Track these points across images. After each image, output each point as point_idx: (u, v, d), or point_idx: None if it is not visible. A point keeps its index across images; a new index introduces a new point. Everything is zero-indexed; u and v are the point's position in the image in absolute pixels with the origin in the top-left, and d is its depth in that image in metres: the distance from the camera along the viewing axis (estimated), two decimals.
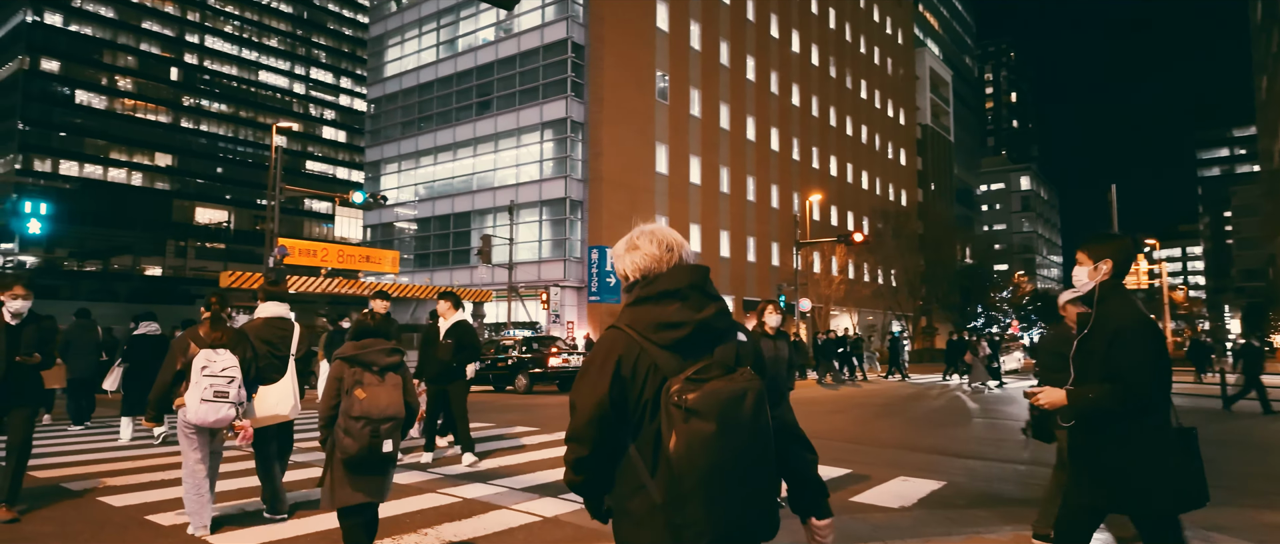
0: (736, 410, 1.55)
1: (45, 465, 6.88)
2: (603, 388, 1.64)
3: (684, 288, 1.68)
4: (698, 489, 1.53)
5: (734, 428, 1.54)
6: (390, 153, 40.20)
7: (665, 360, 1.62)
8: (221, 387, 4.34)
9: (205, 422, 4.33)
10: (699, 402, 1.53)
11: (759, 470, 1.60)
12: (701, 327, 1.66)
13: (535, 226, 33.60)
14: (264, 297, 5.13)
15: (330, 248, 23.42)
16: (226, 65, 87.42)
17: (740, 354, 1.69)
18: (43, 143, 74.43)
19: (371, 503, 3.60)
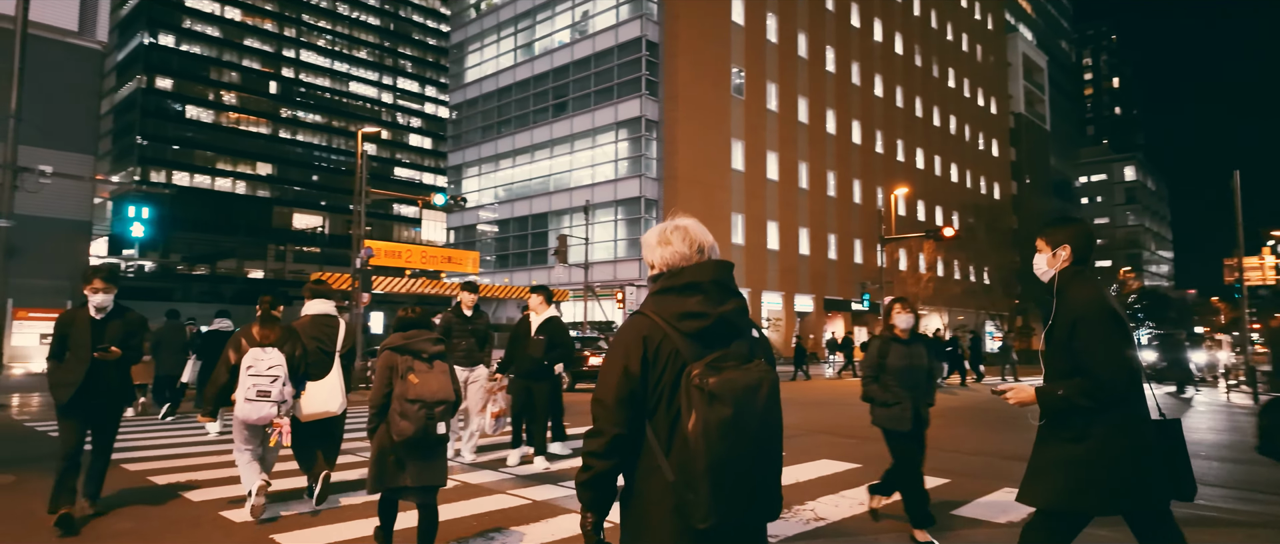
0: (752, 399, 1.64)
1: (134, 459, 7.09)
2: (635, 368, 1.72)
3: (707, 282, 1.77)
4: (709, 470, 1.60)
5: (748, 415, 1.63)
6: (471, 157, 41.12)
7: (686, 347, 1.70)
8: (264, 386, 4.56)
9: (248, 419, 4.59)
10: (719, 387, 1.61)
11: (766, 457, 1.69)
12: (722, 319, 1.75)
13: (610, 226, 33.60)
14: (310, 295, 5.25)
15: (413, 250, 24.03)
16: (320, 78, 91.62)
17: (754, 348, 1.78)
18: (158, 155, 80.00)
19: (431, 487, 3.73)
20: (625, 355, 1.73)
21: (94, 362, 4.59)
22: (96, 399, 4.67)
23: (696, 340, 1.72)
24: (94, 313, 4.71)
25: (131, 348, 4.83)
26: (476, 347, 6.98)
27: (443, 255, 24.59)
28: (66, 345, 4.64)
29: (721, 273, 1.81)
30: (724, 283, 1.80)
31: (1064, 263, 2.66)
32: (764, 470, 1.69)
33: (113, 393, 4.76)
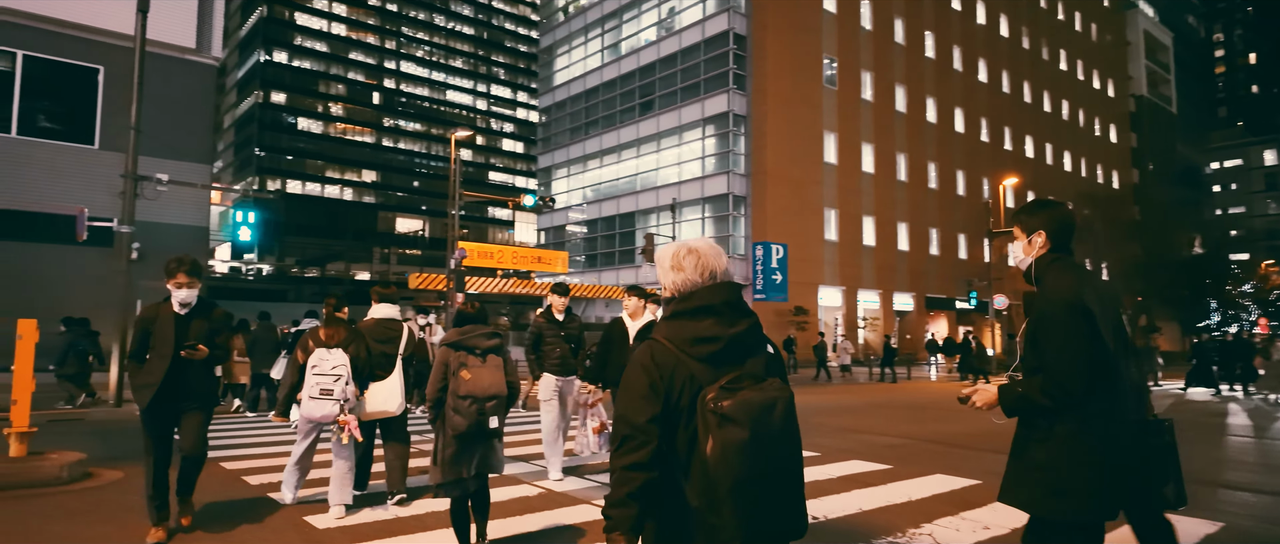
0: (768, 418, 1.65)
1: (230, 458, 7.25)
2: (653, 400, 1.72)
3: (718, 304, 1.78)
4: (731, 493, 1.61)
5: (765, 434, 1.64)
6: (560, 158, 41.60)
7: (700, 371, 1.72)
8: (327, 384, 4.71)
9: (312, 417, 4.74)
10: (733, 409, 1.63)
11: (788, 476, 1.70)
12: (733, 340, 1.76)
13: (698, 224, 33.13)
14: (377, 298, 5.40)
15: (505, 250, 24.41)
16: (418, 87, 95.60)
17: (769, 366, 1.79)
18: (274, 165, 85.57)
19: (482, 476, 3.86)
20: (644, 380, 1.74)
21: (177, 361, 4.20)
22: (180, 402, 4.31)
23: (709, 363, 1.74)
24: (178, 308, 4.32)
25: (217, 346, 4.46)
26: (571, 354, 6.36)
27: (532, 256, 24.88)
28: (148, 344, 4.28)
29: (732, 295, 1.83)
30: (735, 304, 1.82)
31: (1041, 251, 2.52)
32: (786, 489, 1.71)
33: (197, 394, 4.38)
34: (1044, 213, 2.53)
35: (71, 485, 5.53)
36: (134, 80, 11.21)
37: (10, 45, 16.80)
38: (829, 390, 18.37)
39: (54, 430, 8.92)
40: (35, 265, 16.47)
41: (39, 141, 17.00)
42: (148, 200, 16.44)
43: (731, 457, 1.61)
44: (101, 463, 6.61)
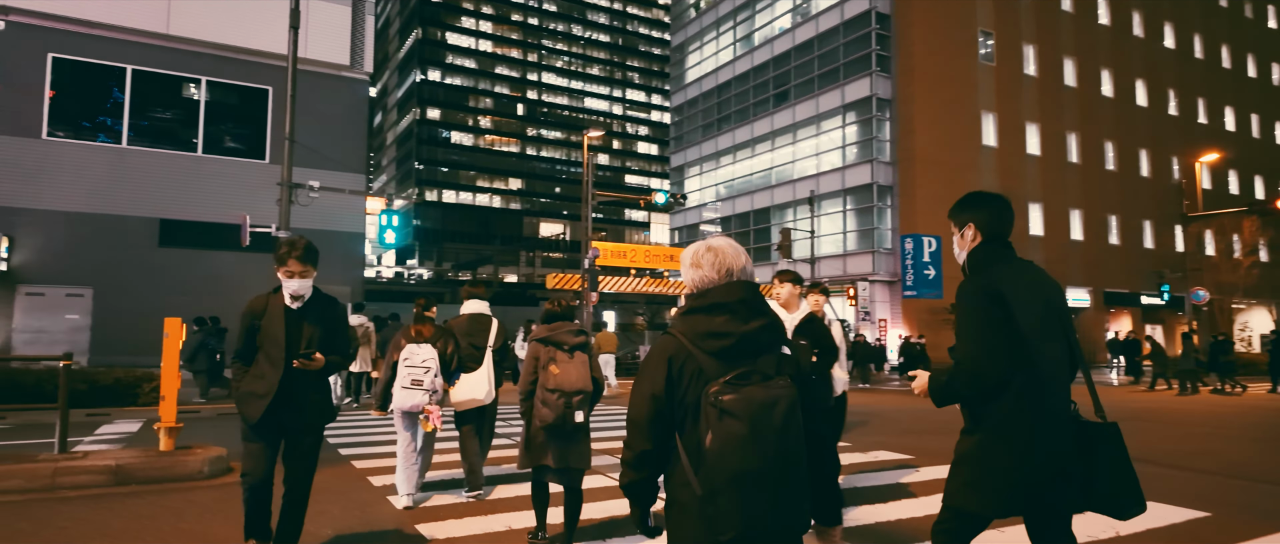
0: (767, 415, 1.69)
1: (363, 455, 7.30)
2: (659, 388, 1.81)
3: (733, 302, 1.84)
4: (729, 485, 1.67)
5: (764, 430, 1.68)
6: (692, 156, 41.16)
7: (709, 365, 1.78)
8: (417, 375, 4.89)
9: (402, 407, 4.93)
10: (734, 404, 1.69)
11: (787, 472, 1.71)
12: (745, 338, 1.80)
13: (838, 217, 31.47)
14: (467, 295, 5.55)
15: (637, 249, 24.31)
16: (558, 96, 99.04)
17: (781, 365, 1.82)
18: (431, 177, 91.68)
19: (574, 471, 3.96)
20: (653, 377, 1.82)
21: (290, 368, 3.46)
22: (289, 418, 3.50)
23: (719, 358, 1.77)
24: (289, 302, 3.54)
25: (338, 349, 3.69)
26: None
27: (665, 254, 24.60)
28: (255, 343, 3.54)
29: (747, 293, 1.86)
30: (750, 303, 1.85)
31: (973, 243, 2.51)
32: (787, 483, 1.72)
33: (308, 411, 3.55)
34: (974, 205, 2.51)
35: (210, 481, 5.68)
36: (288, 93, 11.90)
37: (196, 72, 18.67)
38: None
39: (207, 424, 9.52)
40: (215, 271, 18.18)
41: (219, 159, 18.78)
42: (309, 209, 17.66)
43: (729, 450, 1.67)
44: None
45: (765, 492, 1.68)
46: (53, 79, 17.21)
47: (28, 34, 16.88)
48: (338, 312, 3.75)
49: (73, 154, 17.27)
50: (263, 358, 3.51)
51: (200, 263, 18.12)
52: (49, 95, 17.14)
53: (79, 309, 17.26)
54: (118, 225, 17.57)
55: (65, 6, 17.11)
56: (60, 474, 5.27)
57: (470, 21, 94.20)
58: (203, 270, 18.07)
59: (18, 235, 16.56)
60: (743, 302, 1.84)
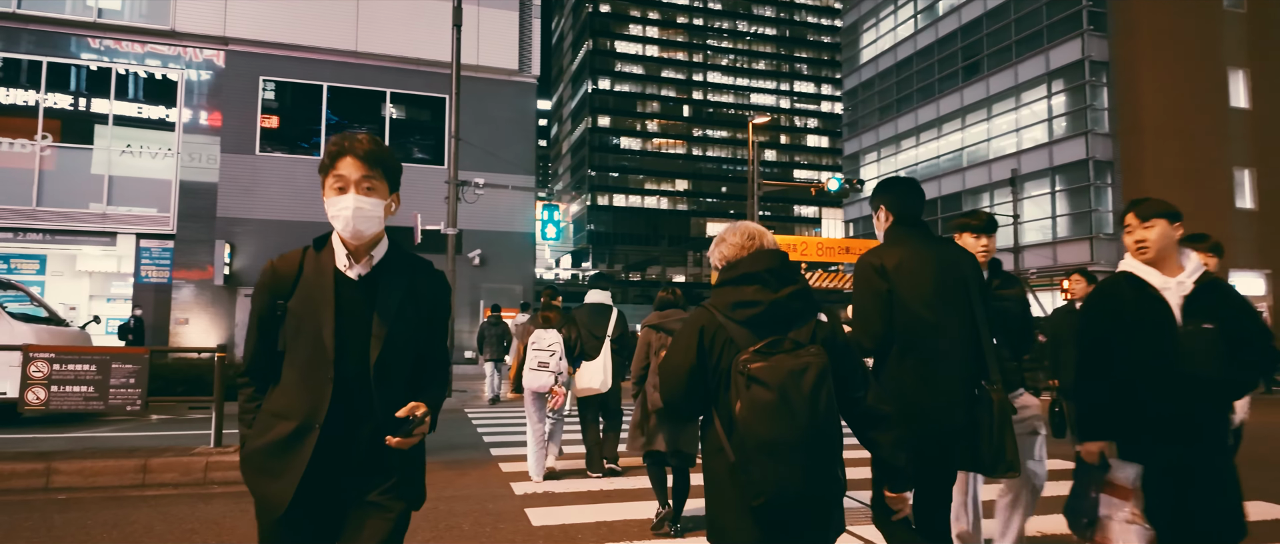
0: (796, 383, 1.70)
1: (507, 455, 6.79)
2: (691, 356, 1.86)
3: (761, 271, 1.87)
4: (758, 451, 1.70)
5: (792, 398, 1.70)
6: (868, 142, 38.44)
7: (739, 335, 1.82)
8: (544, 358, 5.27)
9: (531, 387, 5.29)
10: (762, 371, 1.72)
11: (817, 439, 1.72)
12: (775, 305, 1.83)
13: (1045, 200, 27.70)
14: (591, 286, 5.94)
15: (809, 241, 22.72)
16: (724, 94, 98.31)
17: (816, 333, 1.83)
18: (602, 183, 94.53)
19: (687, 455, 3.98)
20: (685, 348, 1.88)
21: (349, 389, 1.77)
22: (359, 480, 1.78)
23: (749, 327, 1.81)
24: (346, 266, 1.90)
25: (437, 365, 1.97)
26: None
27: (840, 246, 22.81)
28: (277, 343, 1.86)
29: (775, 262, 1.90)
30: (779, 272, 1.88)
31: (887, 223, 2.68)
32: (817, 450, 1.72)
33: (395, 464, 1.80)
34: (884, 190, 2.74)
35: None
36: (452, 89, 11.96)
37: (382, 86, 19.84)
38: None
39: None
40: None
41: (403, 165, 19.80)
42: (483, 211, 18.11)
43: (757, 417, 1.70)
44: None
45: (795, 458, 1.70)
46: (263, 100, 19.00)
47: (243, 61, 18.75)
48: (440, 292, 1.98)
49: (280, 167, 18.94)
50: (292, 374, 1.81)
51: None
52: (261, 115, 18.94)
53: None
54: (317, 231, 18.96)
55: (273, 33, 18.81)
56: (212, 469, 5.14)
57: (637, 29, 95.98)
58: None
59: (238, 242, 18.41)
60: (771, 270, 1.87)
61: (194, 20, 18.31)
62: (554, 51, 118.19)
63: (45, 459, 4.96)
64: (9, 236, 17.47)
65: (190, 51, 18.48)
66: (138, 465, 4.99)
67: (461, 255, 19.75)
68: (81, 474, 4.89)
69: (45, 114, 17.46)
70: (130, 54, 18.09)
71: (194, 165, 18.30)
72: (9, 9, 17.07)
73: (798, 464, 1.69)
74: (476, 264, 19.62)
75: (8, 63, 17.43)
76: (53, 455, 5.09)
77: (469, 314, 19.36)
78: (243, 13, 18.62)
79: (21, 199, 17.18)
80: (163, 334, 18.09)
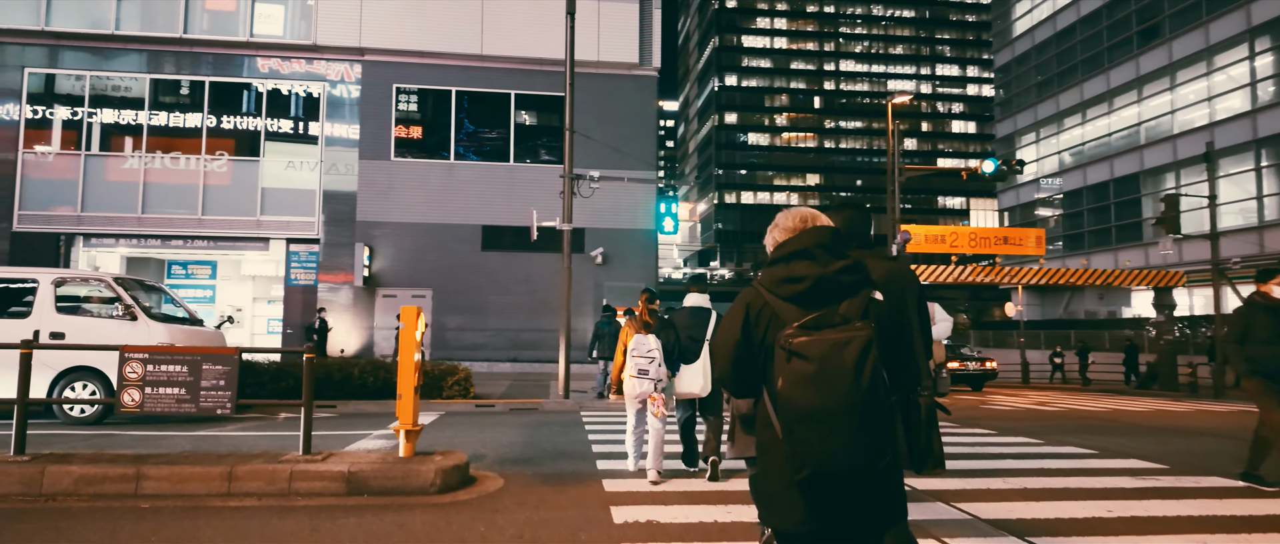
0: (836, 355, 1.71)
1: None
2: (736, 333, 1.92)
3: (810, 247, 1.90)
4: (800, 423, 1.73)
5: (832, 371, 1.70)
6: (1024, 122, 34.87)
7: (785, 310, 1.85)
8: (643, 365, 5.30)
9: (631, 394, 5.39)
10: (804, 346, 1.73)
11: (861, 412, 1.71)
12: (822, 280, 1.85)
13: (1248, 178, 23.73)
14: (690, 288, 5.57)
15: (960, 231, 20.62)
16: (859, 83, 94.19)
17: (868, 309, 1.83)
18: (729, 181, 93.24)
19: None
20: (732, 326, 1.94)
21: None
22: None
23: (796, 303, 1.84)
24: None
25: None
26: None
27: (996, 235, 20.52)
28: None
29: (824, 237, 1.92)
30: (829, 247, 1.90)
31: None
32: (862, 423, 1.71)
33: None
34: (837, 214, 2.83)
35: (438, 497, 4.83)
36: (566, 80, 11.53)
37: (507, 88, 19.97)
38: None
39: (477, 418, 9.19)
40: (528, 271, 19.17)
41: (528, 166, 19.84)
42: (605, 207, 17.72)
43: (798, 390, 1.72)
44: (501, 464, 6.06)
45: (838, 430, 1.70)
46: (397, 108, 19.65)
47: (378, 71, 19.48)
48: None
49: (414, 171, 19.50)
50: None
51: (516, 264, 19.26)
52: (395, 122, 19.59)
53: (423, 309, 19.40)
54: (449, 233, 19.43)
55: (404, 41, 19.41)
56: (297, 478, 4.79)
57: (765, 21, 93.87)
58: (518, 271, 19.19)
59: (376, 245, 19.12)
60: (821, 245, 1.89)
61: (333, 34, 19.20)
62: (680, 52, 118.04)
63: (138, 463, 4.81)
64: (180, 244, 19.06)
65: (331, 66, 19.40)
66: (224, 472, 4.73)
67: (584, 254, 19.52)
68: (170, 480, 4.68)
69: (208, 133, 18.91)
70: (279, 73, 19.24)
71: (335, 173, 19.19)
72: (175, 33, 18.62)
73: (841, 436, 1.70)
74: (599, 262, 19.29)
75: (171, 84, 19.04)
76: (147, 459, 4.95)
77: (592, 313, 19.06)
78: (376, 24, 19.32)
79: (189, 209, 18.68)
80: (311, 333, 19.11)
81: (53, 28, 18.28)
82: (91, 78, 18.63)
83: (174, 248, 19.25)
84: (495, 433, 7.98)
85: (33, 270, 8.24)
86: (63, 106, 18.58)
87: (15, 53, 18.33)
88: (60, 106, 18.57)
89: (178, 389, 4.95)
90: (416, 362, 5.22)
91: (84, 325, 7.98)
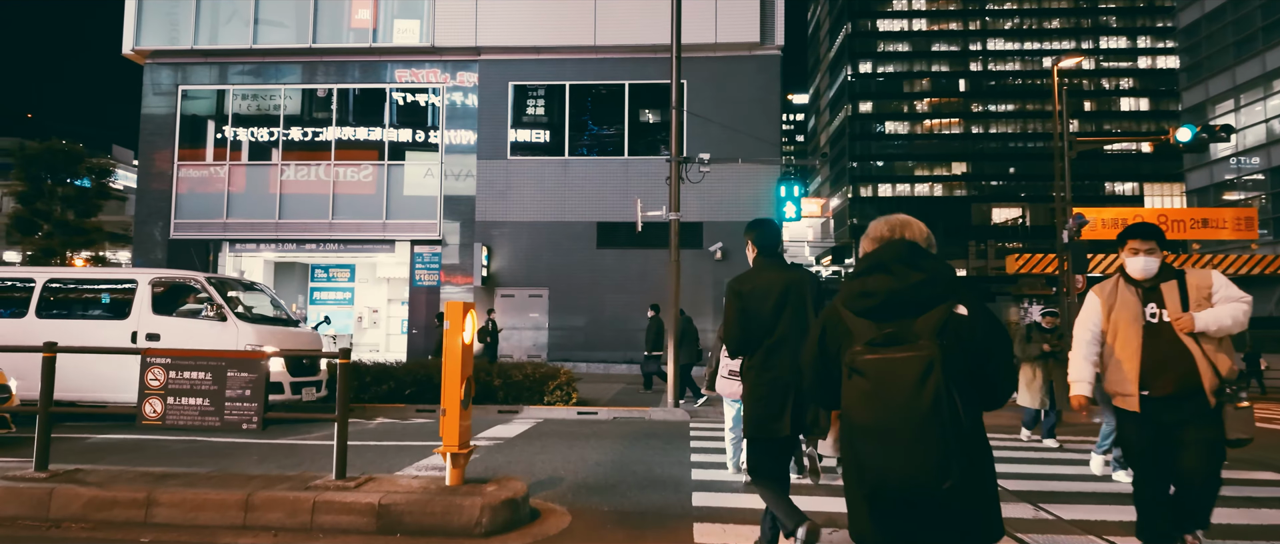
0: (895, 374, 1.71)
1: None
2: (813, 349, 1.97)
3: (888, 260, 1.89)
4: (860, 438, 1.76)
5: (890, 389, 1.71)
6: (1218, 89, 29.91)
7: (857, 326, 1.84)
8: (735, 366, 5.11)
9: (724, 393, 5.67)
10: (866, 363, 1.75)
11: (920, 431, 1.69)
12: (895, 295, 1.83)
13: None
14: None
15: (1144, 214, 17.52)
16: (1009, 62, 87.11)
17: (947, 324, 1.78)
18: (865, 173, 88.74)
19: None
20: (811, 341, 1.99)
21: None
22: None
23: (869, 317, 1.83)
24: None
25: None
26: None
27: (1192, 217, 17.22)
28: None
29: (905, 251, 1.89)
30: (908, 260, 1.87)
31: (754, 255, 3.50)
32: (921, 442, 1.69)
33: None
34: (751, 228, 3.54)
35: (486, 539, 3.85)
36: (672, 49, 10.43)
37: (620, 78, 19.17)
38: None
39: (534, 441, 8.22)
40: (645, 267, 18.23)
41: (643, 158, 18.93)
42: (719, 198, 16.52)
43: (856, 406, 1.76)
44: (578, 492, 5.03)
45: (894, 449, 1.70)
46: (512, 106, 19.37)
47: (494, 69, 19.28)
48: None
49: (530, 169, 19.14)
50: None
51: (631, 261, 18.40)
52: (511, 121, 19.32)
53: (539, 309, 18.99)
54: (564, 230, 18.90)
55: (518, 37, 19.08)
56: (321, 510, 3.99)
57: (902, 3, 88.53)
58: (634, 268, 18.30)
59: (494, 245, 18.91)
60: (899, 259, 1.87)
61: (451, 35, 19.18)
62: (809, 42, 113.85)
63: (154, 484, 4.20)
64: (314, 247, 19.75)
65: (449, 68, 19.43)
66: (242, 501, 4.01)
67: (702, 249, 18.34)
68: (182, 507, 4.01)
69: (337, 141, 19.46)
70: (401, 78, 19.50)
71: (454, 174, 19.18)
72: (305, 43, 19.30)
73: (898, 454, 1.68)
74: (719, 258, 18.03)
75: (306, 95, 19.76)
76: (166, 480, 4.34)
77: (713, 314, 17.85)
78: (491, 21, 19.12)
79: (320, 214, 19.29)
80: (435, 335, 19.21)
81: (201, 46, 19.47)
82: (233, 91, 19.69)
83: (308, 252, 19.99)
84: (586, 449, 7.00)
85: (135, 271, 8.20)
86: (210, 120, 19.77)
87: (169, 73, 19.69)
88: (209, 121, 19.77)
89: (201, 400, 4.29)
90: (463, 370, 4.28)
91: (179, 327, 7.81)
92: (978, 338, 1.79)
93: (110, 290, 8.12)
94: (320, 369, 8.86)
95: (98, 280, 8.17)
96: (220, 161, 19.54)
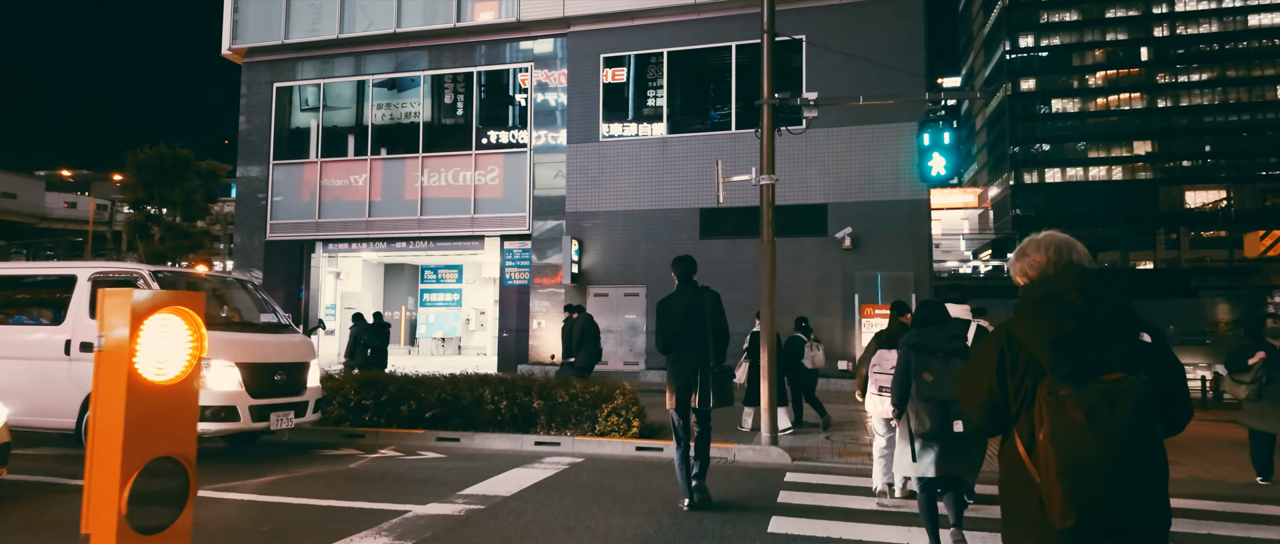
0: (1108, 407, 1.63)
1: None
2: (989, 381, 1.83)
3: (1065, 288, 1.78)
4: (1063, 475, 1.64)
5: (1104, 424, 1.62)
6: None
7: (1045, 357, 1.73)
8: (885, 382, 4.99)
9: (873, 413, 5.35)
10: (1071, 397, 1.65)
11: (1134, 467, 1.64)
12: (1084, 327, 1.73)
13: None
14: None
15: None
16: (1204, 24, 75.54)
17: (1135, 355, 1.72)
18: (1028, 158, 79.80)
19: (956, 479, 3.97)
20: (985, 368, 1.85)
21: None
22: None
23: (1055, 350, 1.73)
24: None
25: None
26: None
27: None
28: None
29: (1081, 279, 1.81)
30: (1085, 289, 1.78)
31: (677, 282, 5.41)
32: (1133, 479, 1.65)
33: None
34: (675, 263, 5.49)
35: None
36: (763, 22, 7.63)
37: (727, 40, 16.45)
38: None
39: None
40: (755, 259, 15.35)
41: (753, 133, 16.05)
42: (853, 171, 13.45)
43: (1063, 442, 1.65)
44: None
45: (1107, 484, 1.64)
46: (604, 82, 17.18)
47: (584, 41, 17.18)
48: None
49: (625, 151, 16.87)
50: None
51: (742, 253, 15.59)
52: (603, 99, 17.14)
53: (635, 309, 16.66)
54: (663, 219, 16.46)
55: (610, 3, 16.87)
56: None
57: None
58: (745, 261, 15.46)
59: (585, 239, 16.80)
60: (1076, 287, 1.78)
61: (537, 7, 17.32)
62: (960, 19, 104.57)
63: None
64: (404, 246, 18.55)
65: (536, 43, 17.57)
66: None
67: (826, 236, 15.21)
68: None
69: (424, 130, 18.15)
70: (487, 59, 17.90)
71: (544, 163, 17.30)
72: (390, 30, 18.13)
73: (1111, 491, 1.64)
74: (847, 246, 14.82)
75: (386, 86, 18.61)
76: None
77: (841, 314, 14.74)
78: None
79: (409, 211, 18.03)
80: (526, 337, 17.39)
81: (293, 40, 18.84)
82: (322, 86, 18.92)
83: (399, 250, 18.84)
84: (620, 519, 4.47)
85: (74, 264, 6.59)
86: (302, 115, 19.14)
87: (264, 70, 19.24)
88: (300, 116, 19.14)
89: None
90: None
91: None
92: (1162, 366, 1.75)
93: (46, 289, 6.59)
94: (309, 386, 6.95)
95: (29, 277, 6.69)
96: (310, 158, 18.80)
